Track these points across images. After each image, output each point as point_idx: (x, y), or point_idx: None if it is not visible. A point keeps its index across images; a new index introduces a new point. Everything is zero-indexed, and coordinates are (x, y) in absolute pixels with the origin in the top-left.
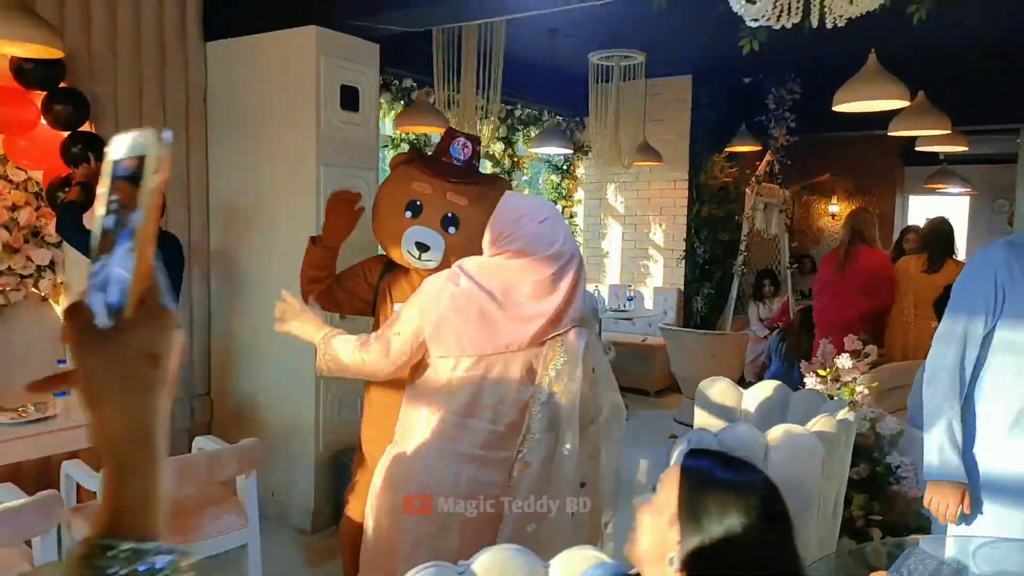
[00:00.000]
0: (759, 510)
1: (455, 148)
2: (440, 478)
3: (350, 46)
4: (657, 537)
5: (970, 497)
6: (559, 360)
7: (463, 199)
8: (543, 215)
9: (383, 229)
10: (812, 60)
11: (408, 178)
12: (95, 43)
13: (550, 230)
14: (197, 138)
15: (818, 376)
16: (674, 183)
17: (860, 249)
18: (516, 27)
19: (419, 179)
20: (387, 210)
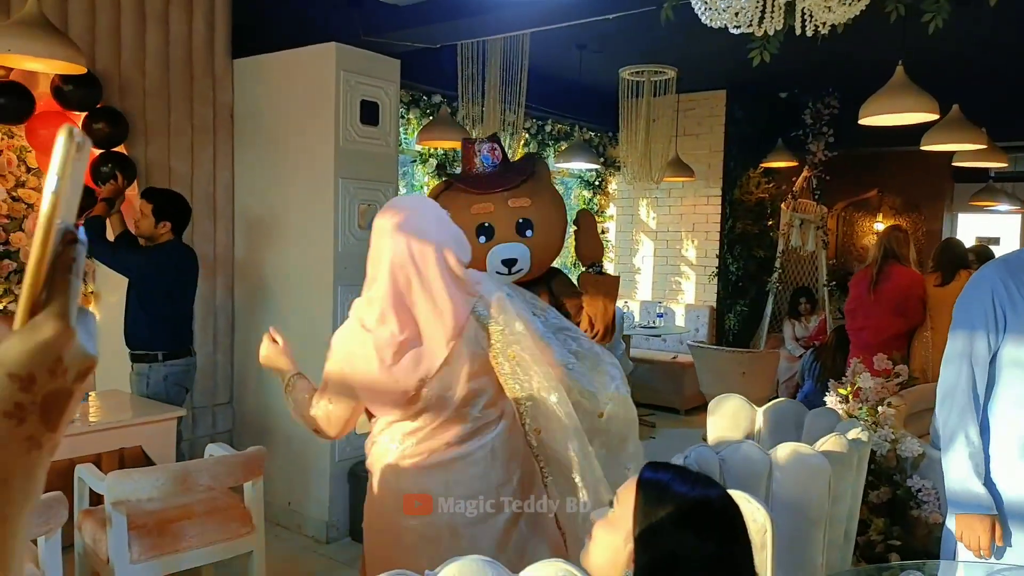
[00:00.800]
0: (715, 526)
1: (484, 156)
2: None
3: (370, 62)
4: (612, 553)
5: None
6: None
7: (525, 199)
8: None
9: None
10: (851, 74)
11: (463, 204)
12: (125, 62)
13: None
14: (223, 153)
15: (838, 395)
16: (707, 199)
17: (892, 268)
18: (543, 42)
19: (475, 201)
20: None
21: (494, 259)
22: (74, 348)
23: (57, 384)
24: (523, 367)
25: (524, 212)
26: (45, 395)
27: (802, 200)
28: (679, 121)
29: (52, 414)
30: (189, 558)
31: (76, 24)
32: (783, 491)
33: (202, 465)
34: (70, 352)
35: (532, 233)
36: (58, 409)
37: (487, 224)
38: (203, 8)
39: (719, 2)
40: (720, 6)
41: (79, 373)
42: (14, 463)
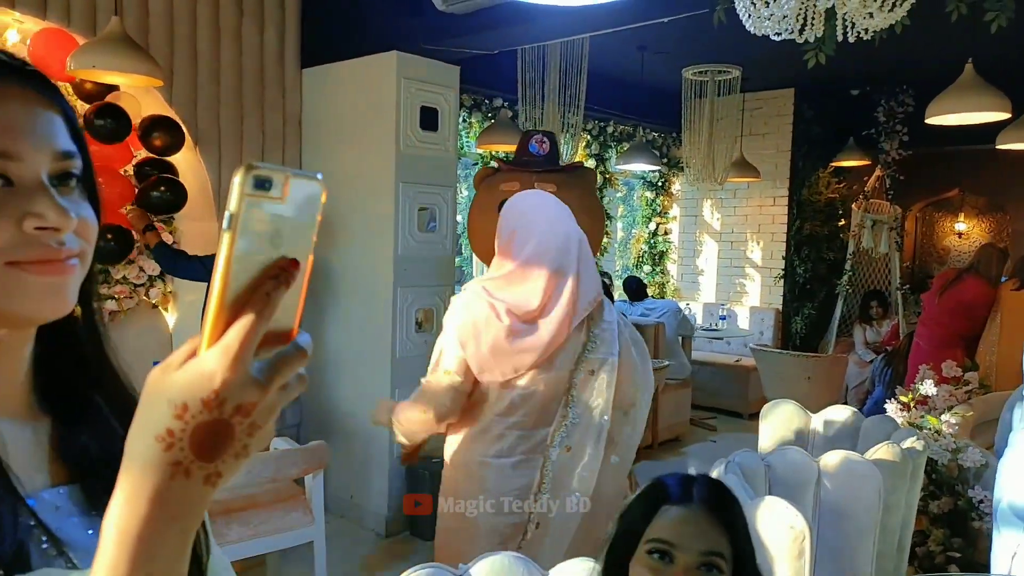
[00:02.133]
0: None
1: (533, 145)
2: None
3: (430, 69)
4: None
5: None
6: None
7: (551, 185)
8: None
9: (486, 239)
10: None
11: (495, 183)
12: (201, 74)
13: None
14: (291, 158)
15: (899, 402)
16: (773, 199)
17: (967, 279)
18: (603, 45)
19: (505, 180)
20: (484, 219)
21: None
22: (235, 382)
23: (212, 415)
24: (598, 391)
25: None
26: (197, 425)
27: (875, 200)
28: (744, 120)
29: (205, 444)
30: (254, 546)
31: (156, 38)
32: (831, 499)
33: (266, 457)
34: (229, 386)
35: None
36: (211, 439)
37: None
38: (274, 21)
39: (762, 10)
40: (763, 14)
41: (237, 407)
42: (161, 486)
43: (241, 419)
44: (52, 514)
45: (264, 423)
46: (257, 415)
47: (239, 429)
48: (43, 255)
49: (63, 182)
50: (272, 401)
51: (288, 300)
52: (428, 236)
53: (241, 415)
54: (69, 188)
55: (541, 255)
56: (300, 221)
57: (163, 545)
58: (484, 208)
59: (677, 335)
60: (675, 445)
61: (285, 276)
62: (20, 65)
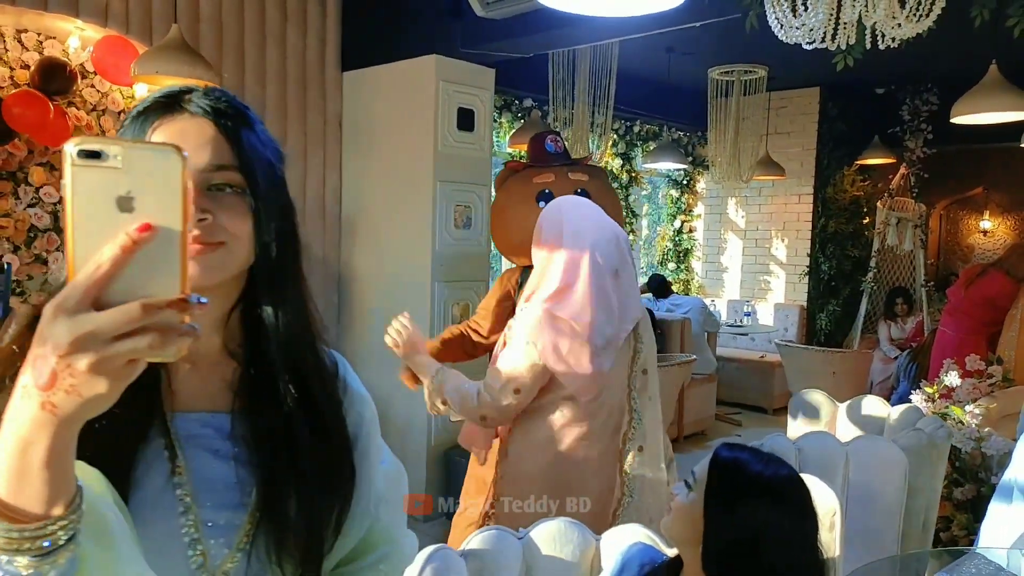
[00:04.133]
0: (790, 503)
1: (549, 144)
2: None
3: (467, 71)
4: (692, 524)
5: None
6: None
7: (584, 175)
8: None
9: (520, 229)
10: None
11: (526, 177)
12: (248, 77)
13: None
14: (332, 159)
15: (924, 393)
16: (798, 197)
17: (992, 273)
18: (631, 46)
19: (538, 174)
20: (518, 210)
21: None
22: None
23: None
24: (650, 388)
25: (582, 184)
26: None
27: (899, 198)
28: (770, 119)
29: (34, 373)
30: None
31: (206, 44)
32: (859, 481)
33: None
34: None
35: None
36: (36, 370)
37: (547, 191)
38: (316, 26)
39: (793, 21)
40: (794, 24)
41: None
42: (11, 402)
43: (60, 359)
44: (189, 440)
45: (87, 368)
46: (75, 359)
47: (60, 367)
48: (197, 238)
49: (219, 188)
50: (105, 352)
51: (160, 265)
52: (464, 233)
53: (60, 355)
54: (223, 193)
55: (603, 261)
56: (158, 189)
57: (5, 451)
58: (519, 199)
59: (703, 331)
60: (700, 439)
61: (128, 239)
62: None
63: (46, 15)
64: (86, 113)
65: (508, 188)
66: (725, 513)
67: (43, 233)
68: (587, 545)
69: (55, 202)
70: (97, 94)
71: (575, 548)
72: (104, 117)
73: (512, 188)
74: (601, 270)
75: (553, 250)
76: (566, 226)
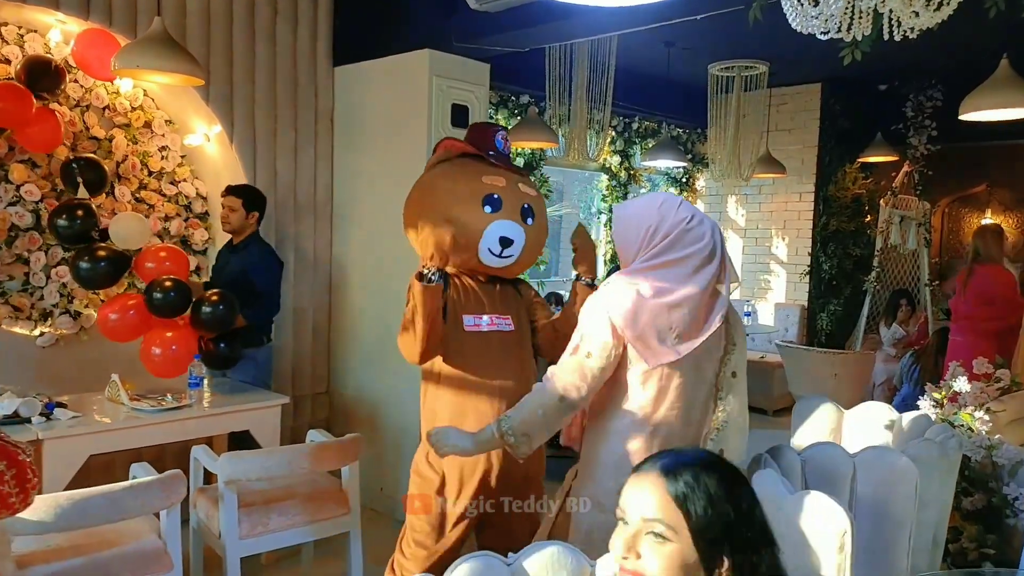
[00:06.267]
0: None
1: (499, 142)
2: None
3: (461, 66)
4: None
5: None
6: (736, 330)
7: (532, 190)
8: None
9: (456, 227)
10: (955, 66)
11: (475, 172)
12: (236, 72)
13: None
14: (324, 155)
15: (932, 399)
16: (799, 195)
17: (976, 268)
18: (630, 41)
19: (488, 172)
20: (461, 207)
21: (492, 234)
22: None
23: None
24: (738, 388)
25: (528, 199)
26: None
27: (903, 196)
28: (771, 116)
29: None
30: (293, 535)
31: (193, 38)
32: (867, 494)
33: (304, 449)
34: None
35: (532, 222)
36: None
37: (496, 196)
38: (307, 19)
39: (809, 9)
40: (811, 13)
41: None
42: None
43: None
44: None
45: None
46: None
47: None
48: None
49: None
50: None
51: None
52: None
53: None
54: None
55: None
56: None
57: None
58: (465, 195)
59: None
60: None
61: None
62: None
63: (26, 7)
64: (69, 109)
65: (452, 175)
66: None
67: (24, 232)
68: (581, 570)
69: (37, 200)
70: (81, 90)
71: (569, 575)
72: (88, 113)
73: (457, 177)
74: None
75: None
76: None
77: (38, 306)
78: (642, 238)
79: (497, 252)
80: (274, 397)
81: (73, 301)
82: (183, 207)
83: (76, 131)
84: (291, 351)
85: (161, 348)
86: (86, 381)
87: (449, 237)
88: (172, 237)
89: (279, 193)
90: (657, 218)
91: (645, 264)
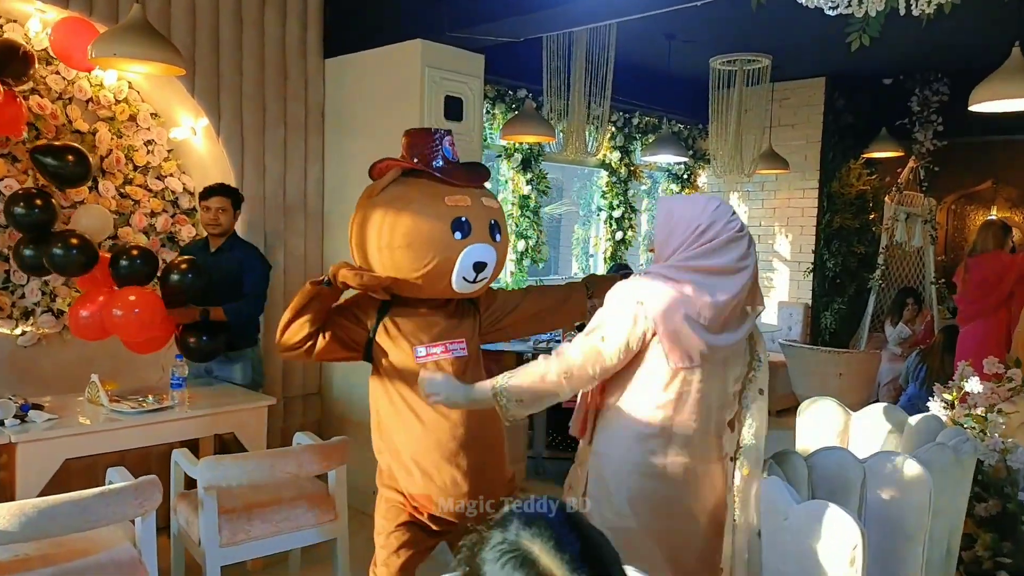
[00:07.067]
0: None
1: (446, 148)
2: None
3: (454, 57)
4: None
5: None
6: (760, 347)
7: (494, 202)
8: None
9: (425, 257)
10: (962, 59)
11: (434, 194)
12: (223, 64)
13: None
14: (314, 149)
15: (943, 400)
16: (803, 192)
17: (971, 261)
18: (630, 33)
19: (449, 192)
20: (428, 237)
21: (466, 260)
22: None
23: None
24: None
25: (493, 214)
26: None
27: (908, 192)
28: (774, 111)
29: None
30: (276, 543)
31: (178, 28)
32: (878, 503)
33: (288, 453)
34: None
35: (499, 238)
36: None
37: (464, 219)
38: (296, 10)
39: None
40: None
41: None
42: None
43: None
44: None
45: None
46: None
47: None
48: None
49: None
50: None
51: None
52: None
53: None
54: None
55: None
56: None
57: None
58: (432, 221)
59: None
60: None
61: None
62: None
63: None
64: (51, 102)
65: (408, 199)
66: None
67: (4, 229)
68: None
69: None
70: (63, 81)
71: None
72: (71, 106)
73: (419, 201)
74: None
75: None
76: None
77: (19, 304)
78: (687, 236)
79: (472, 279)
80: (260, 398)
81: (56, 299)
82: (170, 203)
83: (58, 124)
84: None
85: (123, 310)
86: (69, 382)
87: (419, 275)
88: (159, 233)
89: (268, 189)
90: (708, 220)
91: (685, 263)
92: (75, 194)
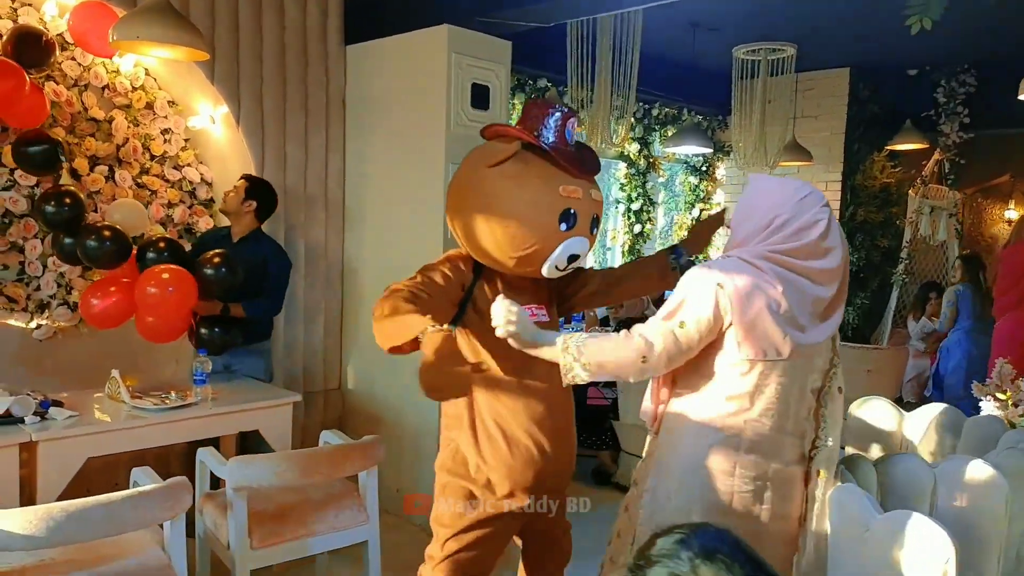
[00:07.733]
0: None
1: (570, 131)
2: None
3: (481, 44)
4: None
5: None
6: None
7: (599, 195)
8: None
9: (527, 242)
10: (991, 49)
11: (550, 180)
12: (243, 49)
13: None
14: (335, 139)
15: (996, 400)
16: (825, 184)
17: (1004, 252)
18: (654, 21)
19: (565, 181)
20: (536, 224)
21: (564, 252)
22: None
23: None
24: (839, 407)
25: (597, 208)
26: None
27: (932, 186)
28: (797, 102)
29: None
30: (308, 546)
31: (197, 11)
32: (950, 510)
33: (320, 453)
34: None
35: (596, 231)
36: None
37: (573, 211)
38: None
39: None
40: None
41: None
42: None
43: None
44: None
45: None
46: None
47: None
48: None
49: None
50: None
51: None
52: None
53: None
54: None
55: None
56: None
57: None
58: (544, 209)
59: None
60: None
61: None
62: None
63: None
64: (67, 88)
65: (524, 180)
66: None
67: (19, 219)
68: None
69: (32, 185)
70: (79, 67)
71: None
72: (87, 93)
73: (535, 187)
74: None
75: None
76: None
77: (34, 297)
78: (765, 224)
79: (562, 268)
80: (285, 395)
81: (72, 292)
82: (187, 193)
83: (74, 112)
84: (302, 346)
85: (158, 288)
86: (85, 377)
87: (514, 257)
88: (176, 225)
89: (289, 180)
90: (790, 212)
91: (768, 251)
92: (91, 183)
